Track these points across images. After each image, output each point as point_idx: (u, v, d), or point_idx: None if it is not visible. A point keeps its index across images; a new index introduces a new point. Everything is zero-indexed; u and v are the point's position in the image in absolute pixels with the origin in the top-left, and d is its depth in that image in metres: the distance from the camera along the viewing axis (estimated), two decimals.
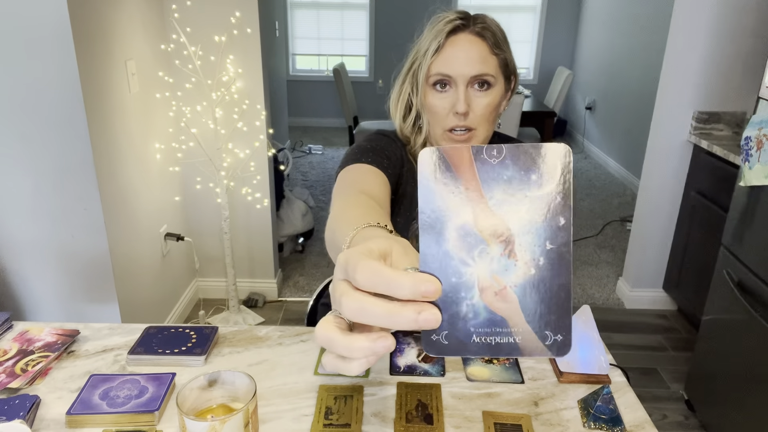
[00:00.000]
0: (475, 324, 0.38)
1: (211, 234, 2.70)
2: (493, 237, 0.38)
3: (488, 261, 0.38)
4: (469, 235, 0.38)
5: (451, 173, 0.38)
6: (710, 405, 1.99)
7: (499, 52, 0.99)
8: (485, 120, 0.99)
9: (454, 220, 0.38)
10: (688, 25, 2.43)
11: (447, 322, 0.38)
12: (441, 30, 0.98)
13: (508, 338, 0.38)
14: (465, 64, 0.97)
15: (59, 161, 1.80)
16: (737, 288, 1.81)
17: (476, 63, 0.97)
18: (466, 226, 0.38)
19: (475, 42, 0.98)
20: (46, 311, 1.99)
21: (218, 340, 1.07)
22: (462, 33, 0.98)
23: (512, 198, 0.37)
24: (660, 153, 2.63)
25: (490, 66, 0.98)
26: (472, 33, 0.98)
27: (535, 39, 6.39)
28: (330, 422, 0.85)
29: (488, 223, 0.37)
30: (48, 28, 1.67)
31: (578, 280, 3.14)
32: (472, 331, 0.38)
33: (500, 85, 1.01)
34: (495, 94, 0.99)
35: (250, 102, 2.48)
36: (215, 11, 2.36)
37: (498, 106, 1.01)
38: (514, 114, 3.70)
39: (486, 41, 0.98)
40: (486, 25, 0.99)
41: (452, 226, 0.38)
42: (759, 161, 1.69)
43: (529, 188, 0.37)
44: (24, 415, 0.83)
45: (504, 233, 0.37)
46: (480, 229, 0.38)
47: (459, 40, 0.98)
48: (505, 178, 0.37)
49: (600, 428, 0.86)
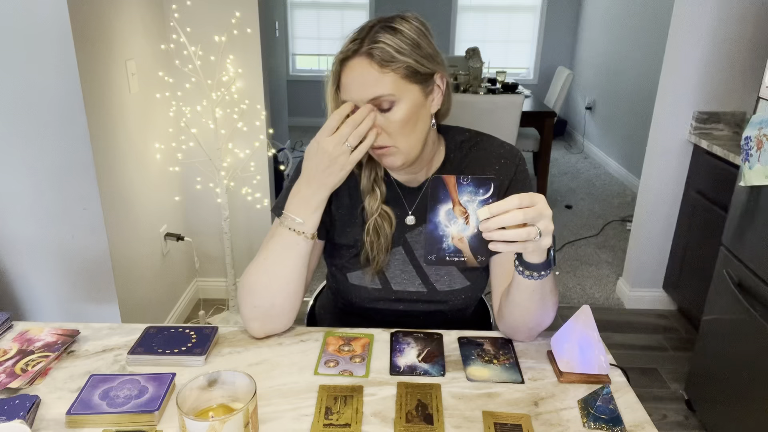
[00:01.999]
0: (448, 251, 0.84)
1: (211, 234, 2.70)
2: (461, 215, 0.82)
3: (457, 225, 0.82)
4: (450, 214, 0.82)
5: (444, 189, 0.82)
6: (710, 405, 1.99)
7: (393, 65, 0.94)
8: (399, 135, 0.98)
9: (445, 208, 0.82)
10: (688, 25, 2.43)
11: (437, 250, 0.83)
12: (335, 61, 0.98)
13: (461, 257, 0.84)
14: (359, 90, 0.95)
15: (59, 161, 1.80)
16: (737, 288, 1.81)
17: (368, 87, 0.95)
18: (450, 211, 0.82)
19: (363, 65, 0.95)
20: (46, 311, 1.99)
21: (218, 340, 1.07)
22: (353, 59, 0.96)
23: (471, 200, 0.81)
24: (660, 153, 2.63)
25: (384, 85, 0.94)
26: (362, 55, 0.95)
27: (535, 39, 6.39)
28: (330, 422, 0.85)
29: (459, 210, 0.82)
30: (48, 28, 1.67)
31: (578, 280, 3.14)
32: (446, 253, 0.84)
33: (410, 96, 0.97)
34: (403, 108, 0.96)
35: (250, 102, 2.48)
36: (215, 11, 2.36)
37: (414, 115, 0.98)
38: (514, 114, 3.70)
39: (374, 61, 0.94)
40: (378, 42, 0.94)
41: (443, 211, 0.82)
42: (759, 161, 1.69)
43: (477, 195, 0.81)
44: (24, 415, 0.83)
45: (465, 213, 0.82)
46: (456, 212, 0.82)
47: (350, 66, 0.96)
48: (469, 190, 0.81)
49: (600, 428, 0.86)
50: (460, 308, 1.17)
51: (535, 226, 0.80)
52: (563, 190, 4.63)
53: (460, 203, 0.81)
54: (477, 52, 4.13)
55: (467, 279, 1.13)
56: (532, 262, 0.89)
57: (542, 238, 0.81)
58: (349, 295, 1.15)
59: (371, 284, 1.12)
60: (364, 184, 1.09)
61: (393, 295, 1.13)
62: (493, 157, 1.11)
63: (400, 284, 1.13)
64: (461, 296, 1.14)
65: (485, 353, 1.04)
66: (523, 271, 0.91)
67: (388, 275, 1.13)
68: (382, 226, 1.09)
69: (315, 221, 1.00)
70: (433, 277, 1.12)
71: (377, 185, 1.09)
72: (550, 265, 0.90)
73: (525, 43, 6.43)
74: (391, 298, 1.14)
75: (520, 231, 0.79)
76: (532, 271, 0.90)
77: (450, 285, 1.12)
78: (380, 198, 1.09)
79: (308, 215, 0.99)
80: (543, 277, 0.90)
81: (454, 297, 1.13)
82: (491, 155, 1.12)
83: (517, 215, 0.78)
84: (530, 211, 0.79)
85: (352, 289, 1.14)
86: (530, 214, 0.79)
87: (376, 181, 1.09)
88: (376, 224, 1.09)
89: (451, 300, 1.14)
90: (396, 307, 1.15)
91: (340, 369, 0.99)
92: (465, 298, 1.15)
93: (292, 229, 0.99)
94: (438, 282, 1.12)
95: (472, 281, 1.13)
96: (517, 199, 0.79)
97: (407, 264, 1.13)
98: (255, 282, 1.03)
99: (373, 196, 1.09)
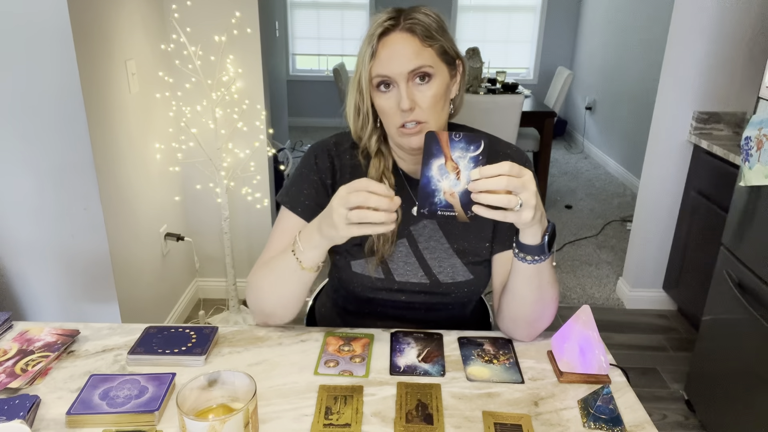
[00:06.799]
0: (440, 205, 0.86)
1: (211, 234, 2.70)
2: (452, 170, 0.84)
3: (448, 180, 0.85)
4: (442, 169, 0.85)
5: (437, 145, 0.84)
6: (710, 405, 1.99)
7: (432, 42, 1.00)
8: (432, 110, 1.02)
9: (437, 163, 0.84)
10: (688, 24, 2.43)
11: (429, 203, 0.85)
12: (373, 34, 1.00)
13: (452, 212, 0.86)
14: (400, 61, 0.99)
15: (59, 161, 1.80)
16: (737, 288, 1.81)
17: (410, 58, 0.98)
18: (442, 166, 0.85)
19: (405, 38, 0.99)
20: (46, 311, 1.99)
21: (218, 340, 1.07)
22: (392, 33, 1.00)
23: (462, 156, 0.84)
24: (660, 153, 2.63)
25: (425, 57, 0.99)
26: (403, 30, 1.00)
27: (535, 39, 6.39)
28: (330, 422, 0.85)
29: (451, 165, 0.84)
30: (48, 28, 1.67)
31: (578, 280, 3.14)
32: (438, 207, 0.86)
33: (442, 73, 1.02)
34: (438, 83, 1.01)
35: (250, 102, 2.48)
36: (215, 11, 2.36)
37: (444, 94, 1.03)
38: (514, 114, 3.70)
39: (416, 35, 0.99)
40: (415, 19, 1.00)
41: (436, 166, 0.85)
42: (759, 161, 1.69)
43: (468, 152, 0.84)
44: (24, 415, 0.83)
45: (456, 168, 0.84)
46: (447, 167, 0.84)
47: (390, 40, 1.00)
48: (460, 147, 0.84)
49: (600, 428, 0.86)
50: (462, 302, 1.18)
51: (517, 197, 0.83)
52: (563, 190, 4.63)
53: (452, 159, 0.84)
54: (477, 52, 4.13)
55: (470, 272, 1.13)
56: (526, 242, 0.92)
57: (522, 210, 0.84)
58: (352, 284, 1.16)
59: (374, 274, 1.14)
60: (372, 175, 1.11)
61: (395, 285, 1.14)
62: (501, 158, 1.13)
63: (402, 275, 1.14)
64: (464, 289, 1.14)
65: (485, 353, 1.04)
66: (518, 254, 0.95)
67: (391, 266, 1.14)
68: None
69: (312, 257, 0.98)
70: (436, 269, 1.13)
71: (385, 176, 1.11)
72: (545, 250, 0.93)
73: (525, 43, 6.43)
74: (393, 288, 1.14)
75: (501, 197, 0.82)
76: (526, 253, 0.93)
77: (453, 277, 1.13)
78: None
79: (307, 249, 0.97)
80: (537, 262, 0.94)
81: (456, 290, 1.14)
82: (498, 155, 1.13)
83: (501, 181, 0.82)
84: (515, 180, 0.82)
85: (354, 278, 1.15)
86: (514, 183, 0.82)
87: (384, 173, 1.11)
88: None
89: (454, 293, 1.14)
90: (398, 297, 1.16)
91: (340, 369, 0.99)
92: (467, 292, 1.15)
93: (295, 254, 0.99)
94: (441, 274, 1.13)
95: (475, 275, 1.14)
96: (507, 165, 0.82)
97: (410, 256, 1.14)
98: (258, 288, 1.08)
99: None
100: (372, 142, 1.10)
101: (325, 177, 1.13)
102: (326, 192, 1.13)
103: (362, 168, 1.13)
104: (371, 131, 1.09)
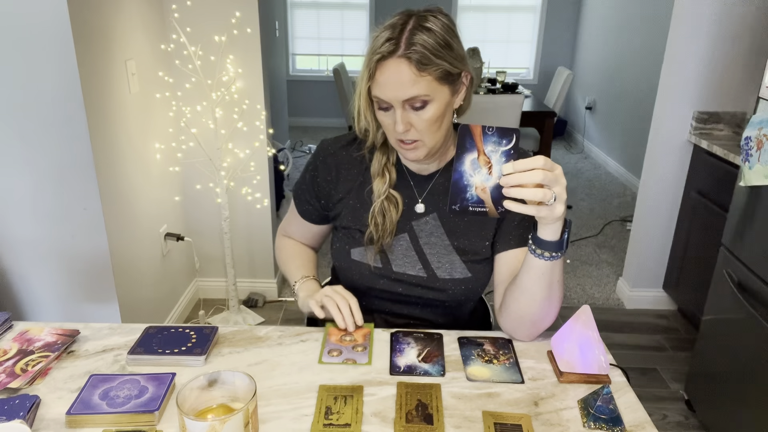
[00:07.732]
0: (471, 201, 0.86)
1: (211, 234, 2.70)
2: (485, 165, 0.84)
3: (480, 175, 0.85)
4: (474, 164, 0.84)
5: (471, 139, 0.84)
6: (710, 405, 1.99)
7: (430, 68, 0.97)
8: (428, 132, 1.03)
9: (470, 157, 0.84)
10: (688, 25, 2.43)
11: (461, 199, 0.86)
12: (371, 59, 1.00)
13: (483, 207, 0.86)
14: (395, 89, 0.98)
15: (59, 161, 1.80)
16: (737, 288, 1.81)
17: (406, 87, 0.98)
18: (474, 160, 0.84)
19: (402, 68, 0.97)
20: (46, 311, 1.99)
21: (218, 340, 1.07)
22: (390, 59, 0.98)
23: (495, 150, 0.84)
24: (660, 153, 2.63)
25: (420, 87, 0.98)
26: (401, 57, 0.97)
27: (535, 39, 6.38)
28: (330, 422, 0.85)
29: (483, 159, 0.84)
30: (48, 28, 1.67)
31: (578, 280, 3.14)
32: (470, 203, 0.86)
33: (441, 96, 1.01)
34: (434, 107, 1.01)
35: (250, 102, 2.48)
36: (215, 11, 2.36)
37: (443, 113, 1.03)
38: (514, 114, 3.70)
39: (412, 63, 0.97)
40: (415, 45, 0.97)
41: (469, 161, 0.84)
42: (759, 161, 1.69)
43: (501, 146, 0.83)
44: (24, 415, 0.83)
45: (489, 163, 0.84)
46: (480, 162, 0.84)
47: (387, 67, 0.98)
48: (493, 140, 0.83)
49: (600, 428, 0.86)
50: (460, 301, 1.18)
51: (551, 190, 0.83)
52: None
53: (485, 153, 0.83)
54: (477, 52, 4.13)
55: (469, 270, 1.13)
56: (546, 238, 0.92)
57: (556, 204, 0.85)
58: (350, 271, 1.18)
59: (372, 262, 1.16)
60: (375, 168, 1.14)
61: (393, 275, 1.15)
62: None
63: (400, 266, 1.15)
64: (461, 287, 1.14)
65: (485, 353, 1.04)
66: (535, 250, 0.94)
67: (390, 257, 1.15)
68: (388, 209, 1.13)
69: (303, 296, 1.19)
70: (434, 264, 1.14)
71: (387, 170, 1.14)
72: (562, 246, 0.93)
73: (525, 43, 6.43)
74: (391, 278, 1.16)
75: (537, 191, 0.82)
76: (544, 249, 0.93)
77: (450, 273, 1.13)
78: (389, 182, 1.14)
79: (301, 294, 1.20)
80: (554, 258, 0.94)
81: (453, 286, 1.14)
82: None
83: (537, 174, 0.82)
84: (550, 174, 0.82)
85: (353, 266, 1.17)
86: (549, 176, 0.82)
87: (387, 166, 1.14)
88: (382, 206, 1.13)
89: (451, 289, 1.14)
90: (395, 288, 1.17)
91: (344, 357, 1.01)
92: (465, 290, 1.15)
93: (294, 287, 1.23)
94: (439, 269, 1.13)
95: (473, 273, 1.14)
96: (542, 159, 0.82)
97: (410, 250, 1.15)
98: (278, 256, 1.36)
99: (382, 180, 1.13)
100: (378, 136, 1.13)
101: (326, 175, 1.19)
102: (327, 190, 1.20)
103: (365, 162, 1.17)
104: (374, 131, 1.12)
